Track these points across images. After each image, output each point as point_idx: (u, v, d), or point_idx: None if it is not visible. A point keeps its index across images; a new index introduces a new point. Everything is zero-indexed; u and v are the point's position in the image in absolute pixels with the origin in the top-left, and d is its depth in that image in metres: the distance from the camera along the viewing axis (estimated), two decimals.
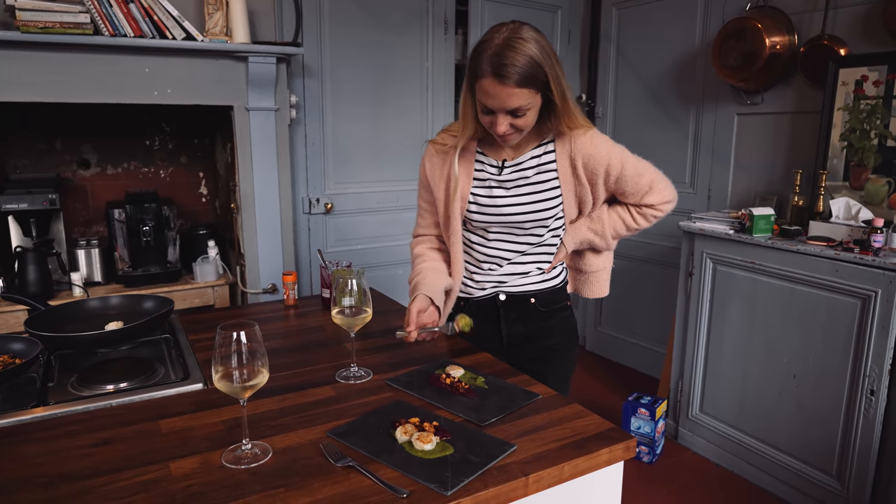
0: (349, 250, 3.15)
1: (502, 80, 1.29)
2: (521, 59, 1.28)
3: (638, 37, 3.43)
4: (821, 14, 2.55)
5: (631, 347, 3.69)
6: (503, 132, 1.37)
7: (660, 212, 1.55)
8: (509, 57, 1.28)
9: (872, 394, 2.09)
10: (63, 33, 2.07)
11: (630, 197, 1.53)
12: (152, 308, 1.68)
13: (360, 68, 3.05)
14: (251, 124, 2.50)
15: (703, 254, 2.63)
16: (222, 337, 1.00)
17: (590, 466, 1.08)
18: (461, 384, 1.31)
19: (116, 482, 0.98)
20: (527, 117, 1.37)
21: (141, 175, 2.81)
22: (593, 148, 1.46)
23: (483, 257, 1.58)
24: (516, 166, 1.50)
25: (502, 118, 1.36)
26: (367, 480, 0.98)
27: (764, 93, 2.83)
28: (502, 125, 1.36)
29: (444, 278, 1.55)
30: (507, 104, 1.33)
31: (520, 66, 1.28)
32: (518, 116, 1.36)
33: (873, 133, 2.34)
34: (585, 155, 1.46)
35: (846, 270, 2.13)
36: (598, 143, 1.47)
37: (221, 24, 2.40)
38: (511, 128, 1.38)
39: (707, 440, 2.72)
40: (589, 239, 1.57)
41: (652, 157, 1.56)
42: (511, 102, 1.32)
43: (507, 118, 1.36)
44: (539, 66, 1.31)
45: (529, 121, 1.38)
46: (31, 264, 2.29)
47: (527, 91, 1.32)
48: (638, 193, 1.51)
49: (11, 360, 1.38)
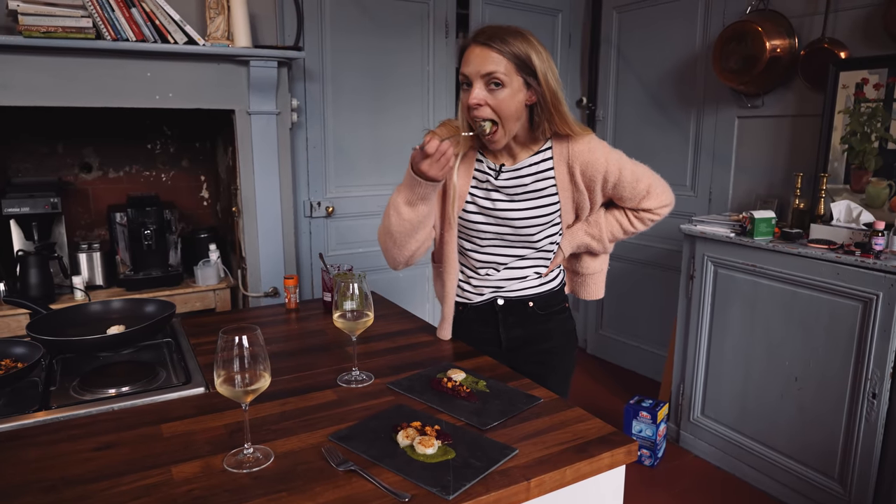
0: (350, 254, 3.15)
1: (482, 43, 1.32)
2: (505, 32, 1.32)
3: (639, 40, 3.43)
4: (821, 17, 2.56)
5: (632, 350, 3.69)
6: (473, 103, 1.33)
7: (657, 216, 1.55)
8: (494, 27, 1.34)
9: (874, 397, 2.09)
10: (65, 37, 2.08)
11: (628, 202, 1.53)
12: (154, 312, 1.68)
13: (361, 72, 3.06)
14: (252, 128, 2.50)
15: (704, 257, 2.63)
16: (224, 341, 1.00)
17: (592, 470, 1.08)
18: (463, 388, 1.31)
19: (118, 486, 0.98)
20: (502, 94, 1.33)
21: (142, 179, 2.82)
22: (591, 155, 1.45)
23: (479, 263, 1.58)
24: (513, 172, 1.48)
25: (477, 85, 1.33)
26: (369, 485, 0.98)
27: (764, 96, 2.83)
28: (475, 95, 1.33)
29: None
30: (482, 67, 1.31)
31: (503, 35, 1.31)
32: (495, 87, 1.32)
33: (874, 136, 2.35)
34: (583, 162, 1.45)
35: (847, 273, 2.13)
36: (595, 149, 1.46)
37: (223, 28, 2.40)
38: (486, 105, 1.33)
39: (708, 443, 2.72)
40: (586, 243, 1.58)
41: (653, 160, 1.56)
42: (487, 64, 1.31)
43: (483, 89, 1.33)
44: (522, 45, 1.32)
45: (505, 101, 1.33)
46: (33, 268, 2.29)
47: (506, 61, 1.31)
48: (635, 198, 1.52)
49: (13, 364, 1.38)
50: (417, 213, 1.40)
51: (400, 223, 1.42)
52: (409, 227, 1.42)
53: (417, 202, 1.38)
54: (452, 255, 1.56)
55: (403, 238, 1.44)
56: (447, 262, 1.57)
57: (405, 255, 1.48)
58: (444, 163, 1.31)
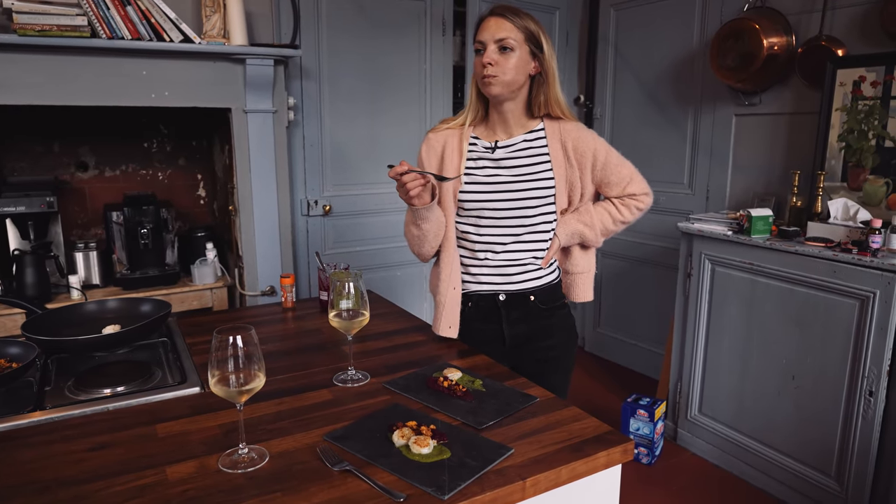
0: (347, 252, 3.15)
1: (499, 14, 1.49)
2: (520, 10, 1.51)
3: (636, 38, 3.43)
4: (818, 15, 2.55)
5: (630, 348, 3.69)
6: (487, 60, 1.48)
7: (641, 203, 1.64)
8: (510, 5, 1.53)
9: (871, 395, 2.09)
10: (60, 36, 2.07)
11: (614, 188, 1.62)
12: (150, 311, 1.68)
13: (358, 70, 3.05)
14: (249, 126, 2.49)
15: (701, 255, 2.63)
16: (218, 341, 1.00)
17: (587, 470, 1.08)
18: (459, 387, 1.31)
19: (113, 487, 0.98)
20: (511, 57, 1.49)
21: (139, 177, 2.81)
22: (580, 132, 1.58)
23: (478, 245, 1.60)
24: (508, 148, 1.58)
25: (491, 48, 1.49)
26: (364, 484, 0.98)
27: (762, 94, 2.83)
28: (489, 55, 1.48)
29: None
30: (497, 33, 1.48)
31: (518, 11, 1.50)
32: (504, 50, 1.48)
33: (871, 134, 2.34)
34: (574, 138, 1.57)
35: (844, 271, 2.13)
36: (583, 129, 1.60)
37: (219, 26, 2.39)
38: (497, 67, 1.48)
39: (706, 441, 2.72)
40: (580, 231, 1.62)
41: (650, 158, 1.59)
42: (501, 31, 1.48)
43: (496, 52, 1.49)
44: (533, 23, 1.51)
45: (512, 63, 1.49)
46: (29, 267, 2.28)
47: (517, 30, 1.48)
48: (621, 183, 1.61)
49: (8, 364, 1.38)
50: (422, 230, 1.57)
51: (411, 237, 1.61)
52: (421, 238, 1.59)
53: (418, 221, 1.55)
54: (451, 240, 1.61)
55: (420, 243, 1.61)
56: (446, 247, 1.61)
57: (428, 253, 1.65)
58: (407, 190, 1.46)
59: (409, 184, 1.44)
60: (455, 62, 3.37)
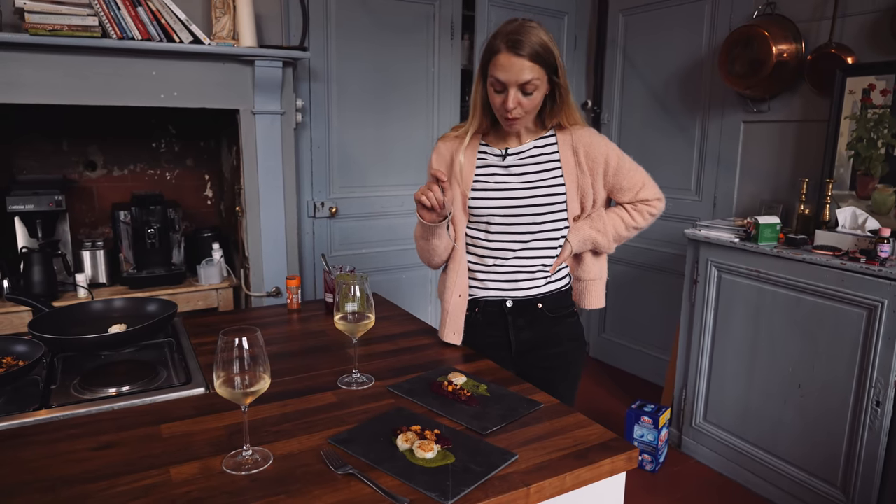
0: (353, 254, 3.15)
1: (517, 52, 1.41)
2: (534, 38, 1.42)
3: (645, 43, 3.42)
4: (828, 22, 2.54)
5: (635, 354, 3.68)
6: (512, 106, 1.44)
7: (654, 208, 1.62)
8: (523, 34, 1.42)
9: (878, 405, 2.07)
10: (71, 36, 2.08)
11: (626, 193, 1.60)
12: (156, 311, 1.68)
13: (367, 73, 3.06)
14: (257, 128, 2.50)
15: (707, 262, 2.62)
16: (224, 342, 1.00)
17: (592, 477, 1.07)
18: (463, 392, 1.31)
19: (116, 487, 0.98)
20: (534, 97, 1.46)
21: (147, 177, 2.82)
22: (593, 138, 1.57)
23: (487, 252, 1.60)
24: (519, 154, 1.57)
25: (513, 93, 1.44)
26: (368, 489, 0.98)
27: (770, 100, 2.82)
28: (513, 100, 1.44)
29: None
30: (520, 77, 1.42)
31: (533, 42, 1.41)
32: (527, 94, 1.44)
33: (881, 142, 2.33)
34: (586, 144, 1.56)
35: (852, 280, 2.11)
36: (595, 135, 1.58)
37: (228, 27, 2.40)
38: (519, 107, 1.45)
39: (710, 449, 2.71)
40: (592, 237, 1.60)
41: (658, 163, 1.59)
42: (524, 75, 1.41)
43: (518, 94, 1.44)
44: (549, 49, 1.43)
45: (535, 102, 1.47)
46: (37, 265, 2.30)
47: (538, 67, 1.42)
48: (634, 188, 1.59)
49: (14, 362, 1.38)
50: (431, 244, 1.59)
51: (421, 249, 1.64)
52: (430, 250, 1.61)
53: (427, 236, 1.57)
54: (461, 247, 1.61)
55: (430, 256, 1.64)
56: (455, 254, 1.61)
57: (437, 263, 1.67)
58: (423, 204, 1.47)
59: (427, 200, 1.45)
60: (463, 66, 3.37)
